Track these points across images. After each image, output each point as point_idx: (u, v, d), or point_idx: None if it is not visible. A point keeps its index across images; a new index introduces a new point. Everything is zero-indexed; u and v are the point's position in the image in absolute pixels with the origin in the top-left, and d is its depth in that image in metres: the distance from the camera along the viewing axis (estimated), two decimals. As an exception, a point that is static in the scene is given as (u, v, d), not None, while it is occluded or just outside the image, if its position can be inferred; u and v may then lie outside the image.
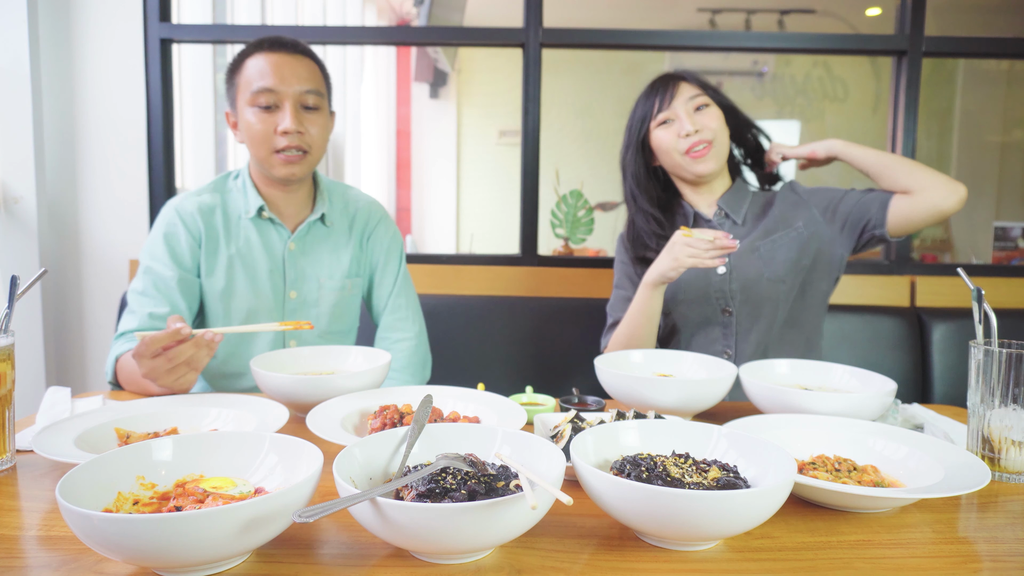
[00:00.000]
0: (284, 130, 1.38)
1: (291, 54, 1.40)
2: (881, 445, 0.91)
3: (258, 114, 1.39)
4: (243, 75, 1.41)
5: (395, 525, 0.61)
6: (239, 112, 1.43)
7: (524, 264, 2.15)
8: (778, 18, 4.12)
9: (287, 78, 1.38)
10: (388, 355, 1.25)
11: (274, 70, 1.38)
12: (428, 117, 4.86)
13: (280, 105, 1.39)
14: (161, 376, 1.11)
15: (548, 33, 2.08)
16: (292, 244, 1.49)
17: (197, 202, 1.46)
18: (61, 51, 2.07)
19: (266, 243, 1.47)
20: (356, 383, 1.13)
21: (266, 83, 1.37)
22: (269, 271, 1.47)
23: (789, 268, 1.51)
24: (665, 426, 0.85)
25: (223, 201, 1.48)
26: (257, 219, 1.47)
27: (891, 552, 0.69)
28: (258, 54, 1.40)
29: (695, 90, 1.51)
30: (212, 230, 1.45)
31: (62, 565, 0.65)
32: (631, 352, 1.32)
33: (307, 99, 1.40)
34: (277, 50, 1.40)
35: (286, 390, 1.10)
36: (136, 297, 1.41)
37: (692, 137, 1.48)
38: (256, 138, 1.40)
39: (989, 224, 3.69)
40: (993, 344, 0.91)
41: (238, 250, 1.45)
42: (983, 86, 4.16)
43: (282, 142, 1.39)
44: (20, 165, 1.99)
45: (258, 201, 1.46)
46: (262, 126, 1.39)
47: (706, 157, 1.50)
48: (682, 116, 1.49)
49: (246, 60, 1.41)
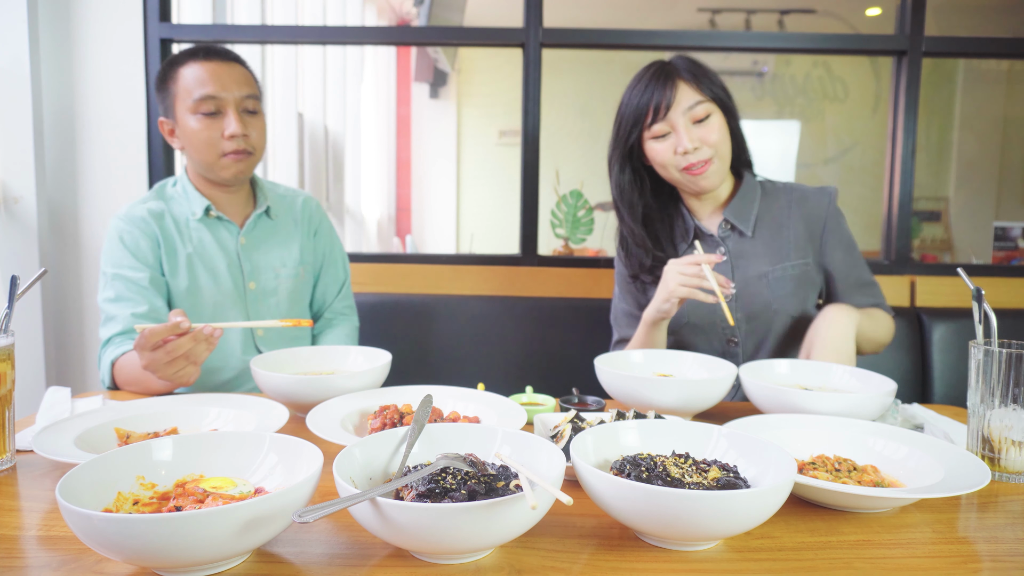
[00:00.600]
0: (231, 134, 1.43)
1: (226, 62, 1.45)
2: (881, 445, 0.91)
3: (202, 120, 1.43)
4: (180, 83, 1.44)
5: (395, 525, 0.61)
6: (178, 119, 1.46)
7: (524, 264, 2.15)
8: (778, 18, 4.13)
9: (228, 85, 1.43)
10: (388, 355, 1.25)
11: (214, 78, 1.42)
12: (428, 117, 4.86)
13: (223, 111, 1.43)
14: (160, 368, 1.12)
15: (548, 33, 2.08)
16: (243, 239, 1.54)
17: (145, 208, 1.49)
18: (61, 51, 2.07)
19: (218, 240, 1.52)
20: (356, 383, 1.13)
21: (208, 90, 1.42)
22: (227, 266, 1.52)
23: (798, 302, 1.44)
24: (665, 426, 0.85)
25: (168, 207, 1.51)
26: (205, 219, 1.52)
27: (891, 552, 0.69)
28: (193, 63, 1.44)
29: (695, 95, 1.37)
30: (166, 232, 1.48)
31: (62, 565, 0.65)
32: (631, 352, 1.32)
33: (247, 104, 1.46)
34: (213, 58, 1.44)
35: (286, 390, 1.10)
36: (110, 305, 1.41)
37: (691, 155, 1.37)
38: (202, 144, 1.44)
39: (989, 224, 3.69)
40: (993, 344, 0.91)
41: (195, 249, 1.50)
42: (983, 86, 4.16)
43: (229, 146, 1.44)
44: (20, 165, 1.99)
45: (203, 202, 1.50)
46: (207, 132, 1.43)
47: (706, 174, 1.39)
48: (680, 130, 1.36)
49: (179, 69, 1.44)
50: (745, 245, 1.47)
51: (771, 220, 1.47)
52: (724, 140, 1.40)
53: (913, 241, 3.43)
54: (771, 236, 1.46)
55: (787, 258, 1.45)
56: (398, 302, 2.01)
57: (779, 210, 1.48)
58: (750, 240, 1.47)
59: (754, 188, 1.49)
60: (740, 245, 1.47)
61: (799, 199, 1.48)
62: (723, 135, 1.40)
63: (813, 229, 1.46)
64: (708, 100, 1.38)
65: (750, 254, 1.46)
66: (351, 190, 4.21)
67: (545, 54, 2.12)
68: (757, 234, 1.47)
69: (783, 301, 1.42)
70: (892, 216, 2.16)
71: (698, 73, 1.40)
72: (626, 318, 1.59)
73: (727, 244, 1.47)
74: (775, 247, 1.46)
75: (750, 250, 1.46)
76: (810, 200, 1.48)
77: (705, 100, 1.38)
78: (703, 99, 1.37)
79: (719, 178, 1.42)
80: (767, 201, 1.49)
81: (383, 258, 2.17)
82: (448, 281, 2.10)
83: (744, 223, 1.46)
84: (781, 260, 1.44)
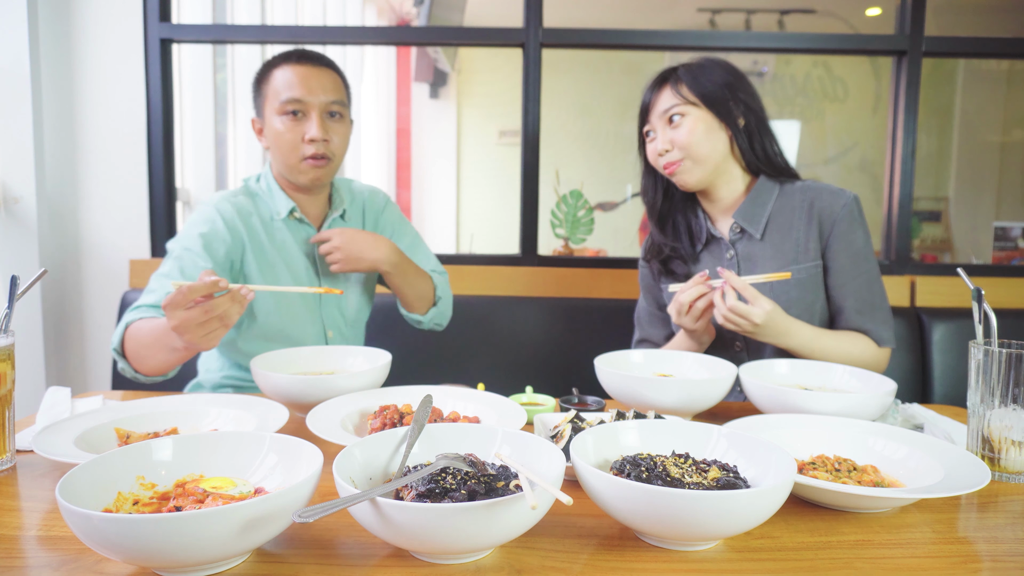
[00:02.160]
0: (311, 138, 1.45)
1: (317, 66, 1.48)
2: (881, 445, 0.91)
3: (286, 122, 1.46)
4: (271, 85, 1.48)
5: (395, 525, 0.61)
6: (266, 120, 1.50)
7: (524, 264, 2.15)
8: (778, 18, 4.12)
9: (314, 89, 1.46)
10: (388, 355, 1.25)
11: (302, 81, 1.45)
12: (428, 117, 4.86)
13: (307, 114, 1.46)
14: (192, 329, 1.06)
15: (548, 33, 2.08)
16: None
17: (235, 204, 1.51)
18: (61, 51, 2.07)
19: (299, 242, 1.55)
20: (356, 383, 1.13)
21: (294, 93, 1.45)
22: (305, 268, 1.55)
23: (805, 306, 1.41)
24: (665, 426, 0.85)
25: (255, 205, 1.54)
26: (288, 220, 1.54)
27: (891, 552, 0.69)
28: (285, 65, 1.47)
29: (672, 99, 1.40)
30: (253, 231, 1.51)
31: (62, 565, 0.65)
32: (631, 352, 1.32)
33: (332, 108, 1.48)
34: (304, 62, 1.47)
35: (286, 390, 1.10)
36: (160, 279, 1.38)
37: (664, 156, 1.42)
38: (285, 145, 1.47)
39: (989, 224, 3.69)
40: (993, 344, 0.91)
41: (279, 249, 1.53)
42: (983, 86, 4.16)
43: (309, 149, 1.46)
44: (20, 165, 1.99)
45: (288, 203, 1.53)
46: (290, 134, 1.46)
47: (678, 172, 1.42)
48: (658, 131, 1.44)
49: (273, 71, 1.48)
50: (754, 248, 1.45)
51: (783, 221, 1.44)
52: (698, 142, 1.39)
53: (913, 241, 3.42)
54: (781, 239, 1.44)
55: (795, 261, 1.42)
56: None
57: (792, 210, 1.44)
58: (759, 243, 1.45)
59: (769, 189, 1.46)
60: (749, 248, 1.46)
61: (814, 197, 1.44)
62: (696, 137, 1.39)
63: (823, 229, 1.42)
64: (685, 103, 1.40)
65: (758, 257, 1.45)
66: (351, 190, 4.21)
67: (545, 54, 2.12)
68: (767, 236, 1.44)
69: (788, 305, 1.39)
70: (892, 216, 2.16)
71: (691, 76, 1.41)
72: (649, 317, 1.61)
73: (737, 247, 1.47)
74: (784, 250, 1.43)
75: (759, 253, 1.45)
76: (824, 198, 1.43)
77: (681, 103, 1.40)
78: (679, 102, 1.40)
79: (693, 177, 1.43)
80: (782, 201, 1.46)
81: (383, 258, 2.16)
82: (448, 281, 2.10)
83: (754, 225, 1.44)
84: (789, 263, 1.42)
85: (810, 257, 1.42)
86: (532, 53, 2.09)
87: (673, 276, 1.53)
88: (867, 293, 1.40)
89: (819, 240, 1.42)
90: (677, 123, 1.40)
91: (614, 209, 3.91)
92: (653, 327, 1.61)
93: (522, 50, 2.10)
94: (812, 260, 1.42)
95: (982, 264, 2.48)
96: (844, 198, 1.42)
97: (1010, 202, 4.15)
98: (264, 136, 1.53)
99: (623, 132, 4.32)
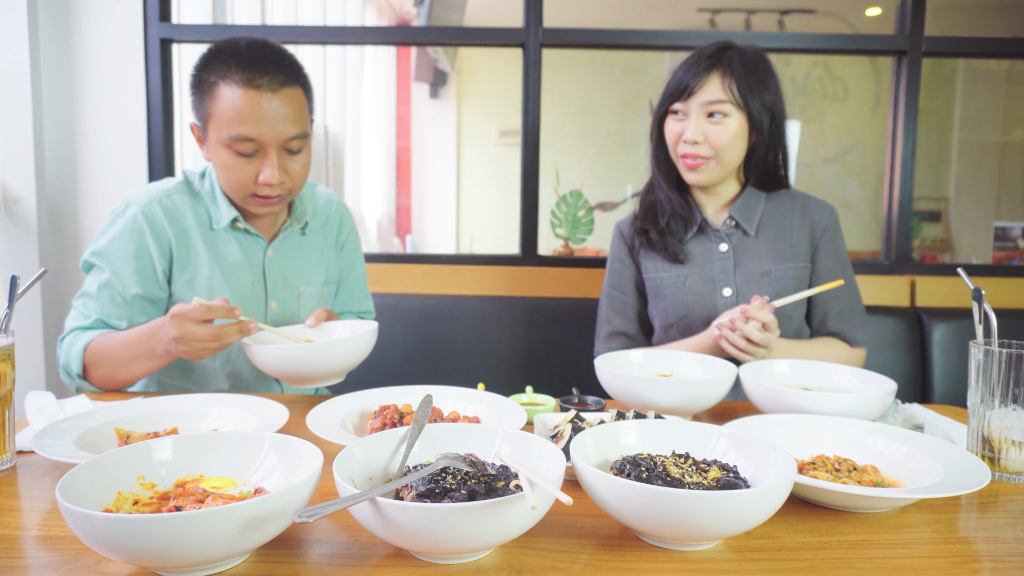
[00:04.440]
0: (266, 181, 1.23)
1: (273, 90, 1.20)
2: (881, 445, 0.91)
3: (235, 158, 1.23)
4: (216, 104, 1.21)
5: (395, 525, 0.61)
6: (209, 140, 1.26)
7: (524, 264, 2.15)
8: (778, 18, 4.12)
9: (271, 122, 1.20)
10: (375, 323, 1.27)
11: (254, 114, 1.19)
12: (428, 117, 4.86)
13: (263, 152, 1.23)
14: (192, 341, 1.10)
15: (548, 33, 2.08)
16: (270, 252, 1.40)
17: (165, 207, 1.31)
18: (61, 51, 2.07)
19: (245, 253, 1.37)
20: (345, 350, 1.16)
21: (247, 131, 1.19)
22: (251, 283, 1.37)
23: (799, 304, 1.45)
24: (665, 426, 0.85)
25: (193, 205, 1.35)
26: (231, 228, 1.36)
27: (891, 552, 0.69)
28: (233, 84, 1.19)
29: (720, 92, 1.35)
30: (186, 236, 1.32)
31: (62, 565, 0.65)
32: (631, 352, 1.32)
33: (292, 144, 1.24)
34: (256, 83, 1.19)
35: (282, 362, 1.14)
36: (88, 301, 1.30)
37: (690, 147, 1.38)
38: (232, 181, 1.25)
39: (989, 224, 3.69)
40: (993, 344, 0.91)
41: (217, 261, 1.34)
42: (983, 86, 4.16)
43: (263, 190, 1.25)
44: (20, 165, 1.99)
45: (231, 213, 1.33)
46: (239, 173, 1.24)
47: (699, 170, 1.41)
48: (692, 118, 1.38)
49: (219, 86, 1.20)
50: (748, 243, 1.48)
51: (774, 222, 1.49)
52: (731, 146, 1.39)
53: (913, 241, 3.42)
54: (774, 237, 1.48)
55: (789, 259, 1.46)
56: (398, 302, 2.01)
57: (783, 214, 1.50)
58: (753, 239, 1.48)
59: (758, 194, 1.51)
60: (743, 243, 1.48)
61: (802, 205, 1.51)
62: (732, 141, 1.38)
63: (813, 235, 1.49)
64: (731, 102, 1.36)
65: (753, 252, 1.47)
66: (351, 190, 4.21)
67: (545, 54, 2.12)
68: (760, 234, 1.48)
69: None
70: (892, 216, 2.16)
71: (745, 72, 1.36)
72: (622, 307, 1.55)
73: (731, 240, 1.49)
74: (778, 248, 1.47)
75: (753, 248, 1.48)
76: (813, 206, 1.50)
77: (728, 101, 1.36)
78: (727, 99, 1.36)
79: (709, 179, 1.43)
80: (772, 203, 1.51)
81: (383, 258, 2.17)
82: (448, 281, 2.10)
83: (748, 223, 1.48)
84: (783, 261, 1.46)
85: (802, 258, 1.47)
86: (532, 53, 2.09)
87: (654, 249, 1.49)
88: (848, 297, 1.47)
89: (810, 244, 1.48)
90: (718, 121, 1.37)
91: (614, 209, 3.90)
92: (627, 318, 1.55)
93: (522, 50, 2.10)
94: (803, 261, 1.47)
95: (982, 264, 2.48)
96: (829, 208, 1.51)
97: (1010, 202, 4.14)
98: (206, 149, 1.28)
99: (623, 132, 4.32)
